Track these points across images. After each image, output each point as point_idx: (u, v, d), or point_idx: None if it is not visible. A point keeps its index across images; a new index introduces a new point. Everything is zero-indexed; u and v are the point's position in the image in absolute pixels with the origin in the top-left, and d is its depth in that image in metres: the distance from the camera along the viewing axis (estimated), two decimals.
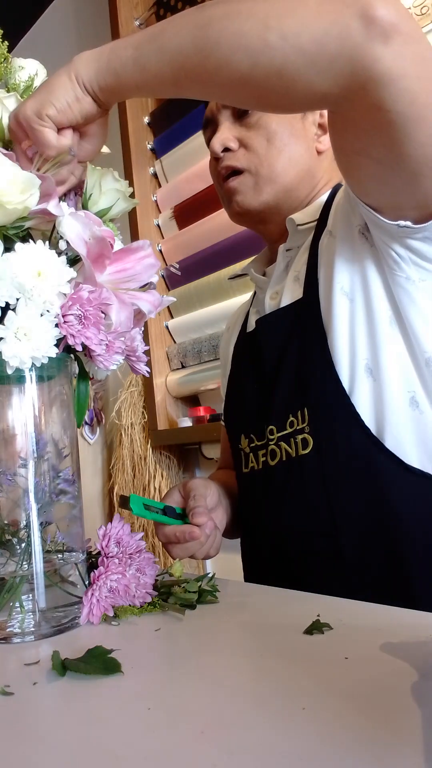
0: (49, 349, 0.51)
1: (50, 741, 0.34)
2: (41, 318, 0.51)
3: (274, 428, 0.72)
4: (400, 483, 0.62)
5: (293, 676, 0.39)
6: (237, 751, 0.31)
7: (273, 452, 0.72)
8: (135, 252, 0.58)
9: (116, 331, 0.56)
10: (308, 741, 0.31)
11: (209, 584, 0.61)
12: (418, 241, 0.58)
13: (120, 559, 0.57)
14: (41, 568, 0.54)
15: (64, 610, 0.54)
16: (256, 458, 0.75)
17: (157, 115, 1.88)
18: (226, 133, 0.76)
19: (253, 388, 0.78)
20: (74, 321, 0.52)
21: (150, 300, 0.59)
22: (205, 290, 1.73)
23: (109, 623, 0.55)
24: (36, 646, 0.51)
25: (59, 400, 0.58)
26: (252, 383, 0.79)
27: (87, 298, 0.52)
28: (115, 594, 0.56)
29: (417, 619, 0.48)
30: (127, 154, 1.88)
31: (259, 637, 0.48)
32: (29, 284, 0.50)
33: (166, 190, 1.86)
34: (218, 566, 1.82)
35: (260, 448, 0.75)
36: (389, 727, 0.32)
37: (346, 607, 0.54)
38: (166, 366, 1.87)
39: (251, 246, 1.59)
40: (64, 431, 0.58)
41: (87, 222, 0.53)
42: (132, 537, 0.59)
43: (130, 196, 0.61)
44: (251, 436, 0.76)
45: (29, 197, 0.51)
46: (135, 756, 0.31)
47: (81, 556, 0.58)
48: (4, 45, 0.59)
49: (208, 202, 1.71)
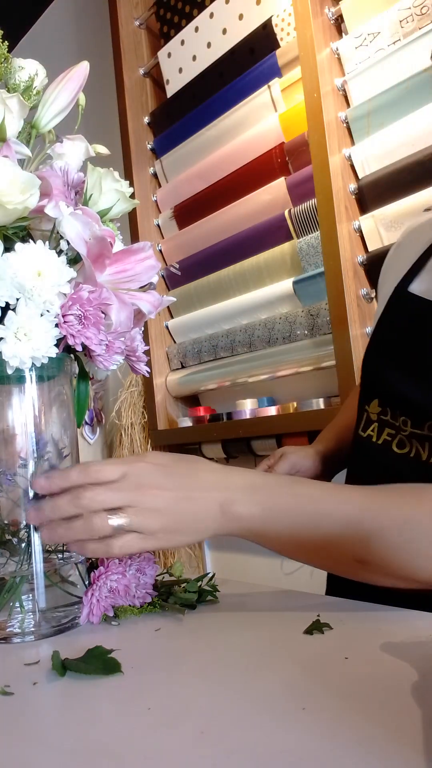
0: (50, 349, 0.51)
1: (50, 741, 0.34)
2: (41, 318, 0.51)
3: (409, 420, 0.66)
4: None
5: (293, 676, 0.39)
6: (237, 751, 0.31)
7: (401, 442, 0.66)
8: (136, 253, 0.58)
9: (116, 331, 0.56)
10: (308, 741, 0.31)
11: (209, 584, 0.61)
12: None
13: (120, 559, 0.57)
14: (41, 568, 0.54)
15: (64, 610, 0.54)
16: (380, 431, 0.69)
17: (157, 115, 1.88)
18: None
19: (413, 365, 0.68)
20: (74, 321, 0.52)
21: (150, 300, 0.59)
22: (205, 290, 1.73)
23: (109, 623, 0.55)
24: (36, 646, 0.51)
25: (59, 400, 0.58)
26: (418, 358, 0.68)
27: (87, 298, 0.52)
28: (115, 594, 0.56)
29: (417, 619, 0.48)
30: (127, 154, 1.88)
31: (259, 637, 0.48)
32: (29, 284, 0.50)
33: (166, 190, 1.86)
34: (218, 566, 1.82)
35: (389, 426, 0.68)
36: (389, 727, 0.32)
37: (346, 607, 0.54)
38: (166, 366, 1.87)
39: (251, 246, 1.59)
40: (64, 431, 0.58)
41: (87, 221, 0.53)
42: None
43: (130, 196, 0.61)
44: (386, 409, 0.69)
45: (29, 197, 0.51)
46: (135, 756, 0.31)
47: (81, 556, 0.58)
48: (5, 45, 0.59)
49: (208, 202, 1.71)
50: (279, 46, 1.49)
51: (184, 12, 1.76)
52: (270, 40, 1.51)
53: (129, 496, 0.50)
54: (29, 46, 2.54)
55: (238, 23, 1.60)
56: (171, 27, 1.81)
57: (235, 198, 1.63)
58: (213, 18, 1.66)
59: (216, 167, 1.68)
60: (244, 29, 1.57)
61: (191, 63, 1.74)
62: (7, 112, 0.56)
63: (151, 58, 1.90)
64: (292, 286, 1.48)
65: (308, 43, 1.35)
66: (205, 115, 1.69)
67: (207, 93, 1.68)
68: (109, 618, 0.55)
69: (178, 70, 1.78)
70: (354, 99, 1.34)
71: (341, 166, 1.34)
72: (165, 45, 1.80)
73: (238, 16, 1.60)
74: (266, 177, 1.55)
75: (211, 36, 1.68)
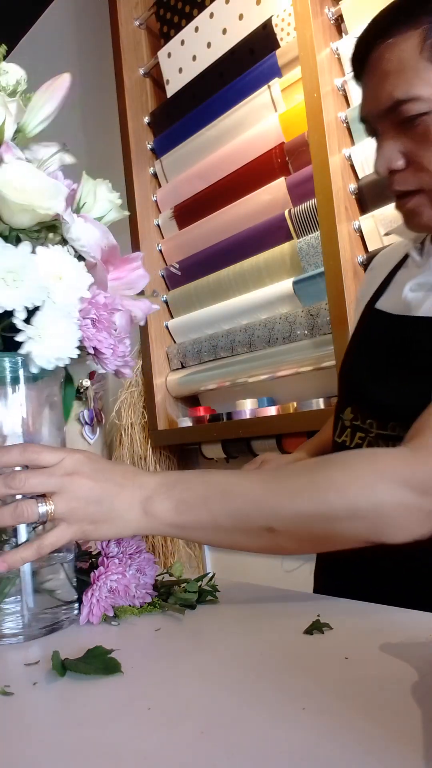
0: (73, 350, 0.53)
1: (50, 741, 0.34)
2: (66, 320, 0.53)
3: (374, 423, 0.70)
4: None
5: (293, 676, 0.39)
6: (237, 751, 0.31)
7: (371, 444, 0.70)
8: (129, 262, 0.62)
9: (120, 336, 0.59)
10: (308, 741, 0.31)
11: (209, 584, 0.61)
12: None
13: (120, 559, 0.57)
14: (29, 569, 0.53)
15: (53, 611, 0.54)
16: (353, 435, 0.73)
17: (157, 115, 1.88)
18: (390, 152, 0.66)
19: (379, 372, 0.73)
20: (90, 324, 0.55)
21: (141, 307, 0.63)
22: (205, 290, 1.73)
23: (109, 623, 0.55)
24: (36, 646, 0.51)
25: (49, 401, 0.59)
26: (383, 365, 0.73)
27: (103, 303, 0.55)
28: (115, 594, 0.56)
29: (417, 619, 0.48)
30: (127, 154, 1.88)
31: (259, 637, 0.48)
32: (55, 287, 0.52)
33: (166, 190, 1.86)
34: (218, 566, 1.82)
35: (360, 430, 0.72)
36: (389, 727, 0.32)
37: (346, 607, 0.54)
38: (166, 366, 1.87)
39: (251, 246, 1.59)
40: (55, 432, 0.59)
41: (106, 230, 0.57)
42: (132, 537, 0.59)
43: (129, 197, 0.63)
44: (357, 414, 0.73)
45: (56, 203, 0.54)
46: (135, 756, 0.31)
47: (69, 556, 0.57)
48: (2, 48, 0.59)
49: (208, 202, 1.71)
50: (279, 46, 1.49)
51: (184, 12, 1.76)
52: (270, 40, 1.51)
53: (60, 482, 0.51)
54: (29, 46, 2.54)
55: (238, 23, 1.60)
56: (171, 27, 1.81)
57: (235, 198, 1.63)
58: (213, 18, 1.66)
59: (216, 167, 1.68)
60: (244, 29, 1.57)
61: (191, 63, 1.74)
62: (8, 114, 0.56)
63: (151, 58, 1.90)
64: (292, 286, 1.48)
65: (308, 43, 1.35)
66: (205, 115, 1.69)
67: (207, 93, 1.68)
68: (109, 618, 0.55)
69: (178, 70, 1.78)
70: (354, 99, 1.34)
71: (341, 166, 1.34)
72: (165, 45, 1.80)
73: (238, 16, 1.60)
74: (266, 177, 1.54)
75: (211, 36, 1.68)
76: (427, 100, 0.61)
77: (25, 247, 0.52)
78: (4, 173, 0.52)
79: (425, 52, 0.60)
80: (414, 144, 0.64)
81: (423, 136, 0.63)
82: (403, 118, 0.63)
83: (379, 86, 0.64)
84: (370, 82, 0.66)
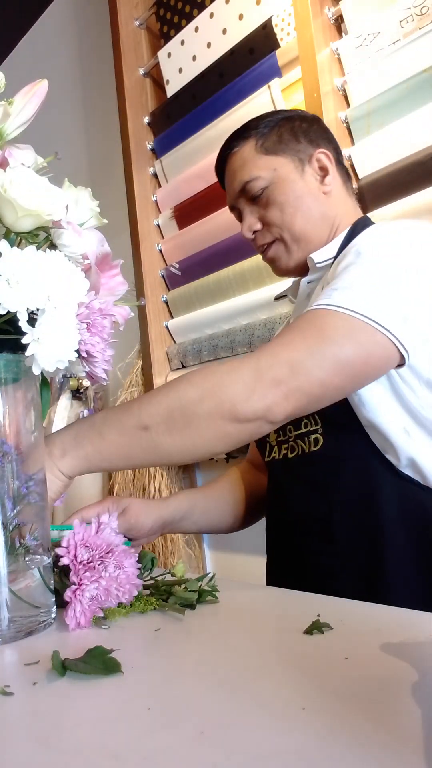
0: (72, 353, 0.54)
1: (50, 741, 0.34)
2: (67, 323, 0.54)
3: (292, 427, 0.82)
4: (390, 485, 0.72)
5: (293, 676, 0.39)
6: (237, 751, 0.31)
7: (292, 448, 0.83)
8: (111, 269, 0.64)
9: (107, 340, 0.61)
10: (308, 741, 0.31)
11: (209, 584, 0.61)
12: None
13: (93, 565, 0.55)
14: (5, 572, 0.53)
15: (30, 615, 0.53)
16: (279, 449, 0.86)
17: (157, 115, 1.88)
18: (249, 219, 0.90)
19: None
20: (84, 328, 0.56)
21: (122, 313, 0.67)
22: (205, 290, 1.73)
23: (108, 625, 0.55)
24: (36, 646, 0.51)
25: (25, 402, 0.58)
26: None
27: (99, 308, 0.56)
28: (98, 600, 0.55)
29: (417, 619, 0.48)
30: (127, 154, 1.88)
31: (259, 637, 0.48)
32: (57, 291, 0.53)
33: (166, 190, 1.86)
34: (218, 566, 1.82)
35: (283, 442, 0.85)
36: (389, 727, 0.32)
37: (346, 607, 0.54)
38: (166, 366, 1.87)
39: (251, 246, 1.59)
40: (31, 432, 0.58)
41: (102, 237, 0.59)
42: (99, 535, 0.57)
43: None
44: (279, 431, 0.86)
45: (58, 209, 0.55)
46: (135, 756, 0.31)
47: (46, 559, 0.56)
48: None
49: (208, 202, 1.71)
50: (279, 46, 1.49)
51: (184, 12, 1.76)
52: (270, 40, 1.51)
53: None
54: (29, 46, 2.54)
55: (238, 23, 1.60)
56: (171, 27, 1.81)
57: None
58: (213, 18, 1.66)
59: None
60: (244, 29, 1.57)
61: (191, 63, 1.74)
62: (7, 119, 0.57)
63: (151, 58, 1.90)
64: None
65: (308, 44, 1.35)
66: (205, 115, 1.69)
67: (207, 93, 1.68)
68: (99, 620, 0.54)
69: (178, 70, 1.78)
70: (354, 99, 1.34)
71: None
72: (165, 45, 1.80)
73: (238, 16, 1.60)
74: None
75: (211, 36, 1.68)
76: (264, 177, 0.87)
77: (30, 251, 0.52)
78: (12, 178, 0.53)
79: (259, 149, 0.88)
80: (264, 209, 0.88)
81: (268, 203, 0.88)
82: (252, 195, 0.88)
83: (233, 179, 0.90)
84: (228, 180, 0.93)
